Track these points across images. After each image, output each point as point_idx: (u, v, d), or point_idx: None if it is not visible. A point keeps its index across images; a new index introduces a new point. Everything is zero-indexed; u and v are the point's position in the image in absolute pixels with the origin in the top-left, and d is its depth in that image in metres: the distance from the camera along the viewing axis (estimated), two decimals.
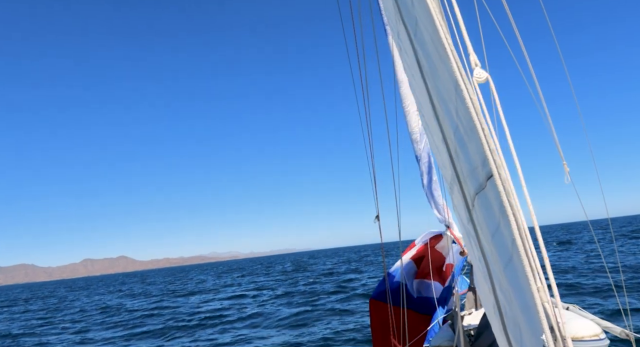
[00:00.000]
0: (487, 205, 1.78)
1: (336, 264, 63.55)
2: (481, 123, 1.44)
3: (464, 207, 2.12)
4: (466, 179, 1.97)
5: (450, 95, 1.70)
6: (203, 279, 62.77)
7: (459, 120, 1.73)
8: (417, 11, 1.70)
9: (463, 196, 2.08)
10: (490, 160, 1.44)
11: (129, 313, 29.22)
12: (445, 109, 1.84)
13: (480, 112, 1.47)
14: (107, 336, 20.39)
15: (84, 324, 25.80)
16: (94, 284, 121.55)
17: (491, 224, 1.82)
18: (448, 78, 1.62)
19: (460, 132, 1.79)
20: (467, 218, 2.15)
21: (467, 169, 1.91)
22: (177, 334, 18.51)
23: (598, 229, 75.00)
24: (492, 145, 1.47)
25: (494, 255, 1.94)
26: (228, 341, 15.76)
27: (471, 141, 1.63)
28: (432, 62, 1.77)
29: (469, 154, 1.79)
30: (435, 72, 1.80)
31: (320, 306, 20.72)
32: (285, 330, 16.35)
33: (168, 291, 48.19)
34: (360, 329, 14.49)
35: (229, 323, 19.54)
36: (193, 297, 35.72)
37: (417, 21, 1.81)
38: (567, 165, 3.69)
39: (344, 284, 30.86)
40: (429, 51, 1.76)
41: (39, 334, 23.70)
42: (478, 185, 1.83)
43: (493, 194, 1.60)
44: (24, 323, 30.71)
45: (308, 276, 43.78)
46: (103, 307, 36.31)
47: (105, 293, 61.15)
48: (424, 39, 1.79)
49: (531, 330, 1.78)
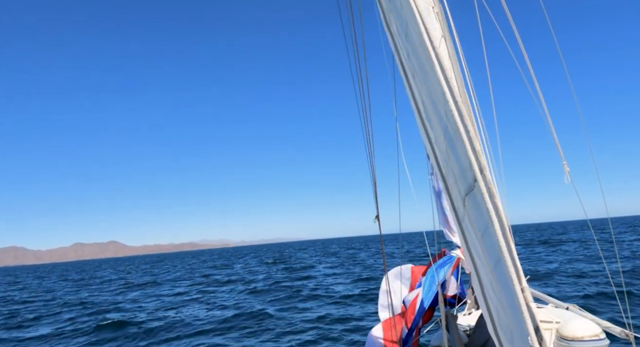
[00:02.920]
0: (476, 206, 1.80)
1: (316, 256, 60.94)
2: (466, 126, 1.46)
3: (455, 208, 2.13)
4: (457, 179, 1.99)
5: (439, 97, 1.71)
6: (156, 273, 55.84)
7: (448, 122, 1.75)
8: (406, 13, 1.72)
9: (454, 196, 2.10)
10: (474, 163, 1.46)
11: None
12: (435, 110, 1.85)
13: (466, 115, 1.48)
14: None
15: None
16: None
17: (480, 225, 1.84)
18: (436, 80, 1.64)
19: (449, 133, 1.80)
20: (458, 218, 2.16)
21: (457, 169, 1.92)
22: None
23: (582, 229, 73.33)
24: (477, 148, 1.48)
25: (485, 255, 1.96)
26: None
27: (459, 143, 1.64)
28: (422, 64, 1.78)
29: (459, 156, 1.81)
30: (426, 73, 1.81)
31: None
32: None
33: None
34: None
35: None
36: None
37: (407, 23, 1.83)
38: (567, 165, 3.69)
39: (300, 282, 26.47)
40: (418, 53, 1.78)
41: None
42: (468, 186, 1.84)
43: (480, 196, 1.62)
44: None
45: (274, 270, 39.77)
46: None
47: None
48: (414, 40, 1.80)
49: (519, 330, 1.80)
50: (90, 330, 15.88)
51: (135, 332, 14.88)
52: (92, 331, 15.69)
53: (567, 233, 70.88)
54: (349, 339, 11.56)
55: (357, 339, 11.40)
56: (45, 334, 16.03)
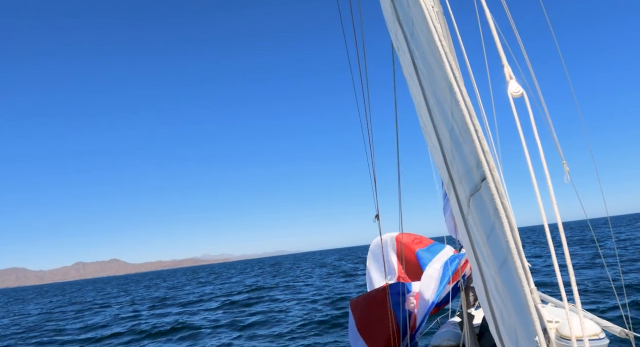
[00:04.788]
0: (482, 207, 1.79)
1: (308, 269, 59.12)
2: (475, 125, 1.45)
3: (460, 208, 2.12)
4: (462, 180, 1.97)
5: (446, 96, 1.70)
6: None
7: (454, 121, 1.73)
8: (413, 12, 1.70)
9: (459, 197, 2.08)
10: (483, 163, 1.44)
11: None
12: (441, 110, 1.84)
13: (475, 114, 1.47)
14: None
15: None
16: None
17: (486, 226, 1.83)
18: (443, 80, 1.62)
19: (455, 133, 1.79)
20: (463, 219, 2.15)
21: (463, 170, 1.91)
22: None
23: (581, 229, 73.06)
24: (485, 148, 1.47)
25: (490, 256, 1.95)
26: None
27: (466, 143, 1.63)
28: (428, 64, 1.77)
29: (465, 156, 1.80)
30: (432, 73, 1.80)
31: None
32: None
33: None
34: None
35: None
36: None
37: (414, 22, 1.81)
38: (567, 165, 3.69)
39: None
40: (425, 52, 1.76)
41: None
42: (473, 186, 1.83)
43: (487, 196, 1.61)
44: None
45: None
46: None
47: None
48: (420, 40, 1.79)
49: (526, 332, 1.79)
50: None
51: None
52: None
53: (567, 233, 71.06)
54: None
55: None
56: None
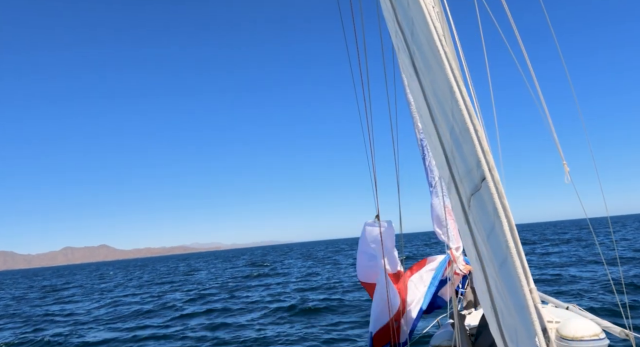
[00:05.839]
0: (482, 206, 1.79)
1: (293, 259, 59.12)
2: (474, 125, 1.45)
3: (460, 208, 2.12)
4: (462, 179, 1.97)
5: (446, 96, 1.70)
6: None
7: (454, 121, 1.74)
8: (413, 12, 1.70)
9: (460, 196, 2.09)
10: (482, 162, 1.45)
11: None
12: (441, 109, 1.84)
13: (474, 114, 1.47)
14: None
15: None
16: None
17: (486, 225, 1.83)
18: (443, 79, 1.63)
19: (455, 133, 1.79)
20: (463, 219, 2.15)
21: (463, 169, 1.91)
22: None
23: (581, 228, 72.92)
24: (485, 147, 1.47)
25: (490, 256, 1.95)
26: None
27: (466, 142, 1.63)
28: (428, 63, 1.77)
29: (465, 155, 1.80)
30: (431, 72, 1.80)
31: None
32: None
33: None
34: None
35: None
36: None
37: (414, 22, 1.81)
38: (567, 165, 3.69)
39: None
40: (424, 52, 1.76)
41: None
42: (474, 186, 1.83)
43: (487, 196, 1.61)
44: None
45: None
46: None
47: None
48: (420, 39, 1.79)
49: (526, 331, 1.79)
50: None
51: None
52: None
53: (568, 232, 71.03)
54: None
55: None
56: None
